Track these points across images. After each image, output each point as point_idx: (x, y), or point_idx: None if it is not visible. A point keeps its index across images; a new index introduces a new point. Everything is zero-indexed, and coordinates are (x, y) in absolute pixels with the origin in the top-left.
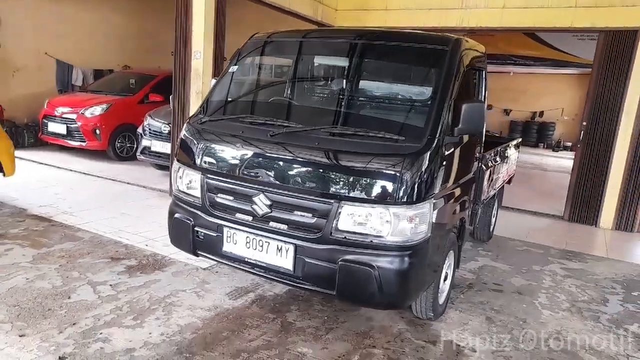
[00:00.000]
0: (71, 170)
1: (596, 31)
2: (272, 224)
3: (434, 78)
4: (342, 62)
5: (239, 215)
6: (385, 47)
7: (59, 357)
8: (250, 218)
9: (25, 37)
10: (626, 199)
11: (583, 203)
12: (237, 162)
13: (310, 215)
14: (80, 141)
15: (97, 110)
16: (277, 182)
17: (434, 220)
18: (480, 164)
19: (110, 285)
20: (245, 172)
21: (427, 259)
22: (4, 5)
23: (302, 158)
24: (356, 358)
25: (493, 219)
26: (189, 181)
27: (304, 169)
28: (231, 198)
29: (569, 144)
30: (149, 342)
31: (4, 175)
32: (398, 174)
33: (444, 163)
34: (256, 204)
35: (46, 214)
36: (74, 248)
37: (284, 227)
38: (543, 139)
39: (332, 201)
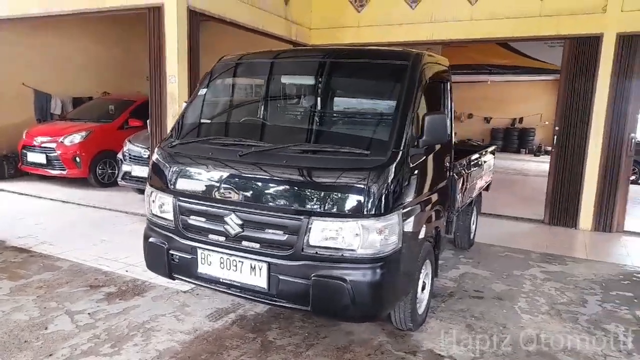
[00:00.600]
0: (52, 199)
1: (561, 39)
2: (245, 243)
3: (396, 92)
4: (308, 80)
5: (211, 236)
6: (349, 65)
7: None
8: (223, 238)
9: (1, 68)
10: (602, 199)
11: (561, 206)
12: (207, 183)
13: (281, 232)
14: (61, 170)
15: (77, 138)
16: (247, 201)
17: (404, 231)
18: (451, 172)
19: (89, 313)
20: (215, 193)
21: (400, 269)
22: None
23: (270, 176)
24: None
25: (473, 226)
26: (162, 205)
27: (272, 187)
28: (203, 219)
29: (550, 148)
30: None
31: None
32: (364, 188)
33: (411, 174)
34: (228, 224)
35: (25, 245)
36: (52, 278)
37: (256, 245)
38: (524, 145)
39: (301, 217)
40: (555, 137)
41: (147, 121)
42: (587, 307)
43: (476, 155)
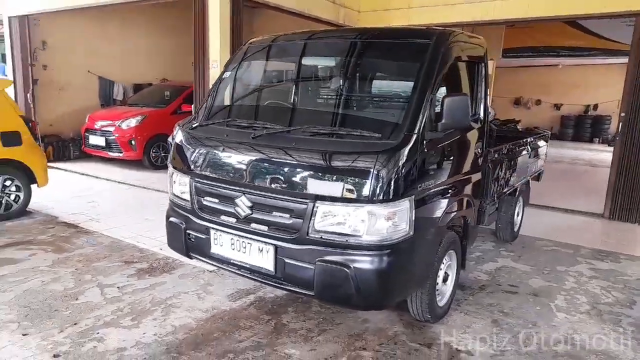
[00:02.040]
0: (108, 179)
1: (632, 15)
2: (254, 225)
3: (415, 73)
4: (326, 62)
5: (223, 217)
6: (370, 45)
7: (54, 355)
8: (234, 220)
9: (69, 56)
10: None
11: (624, 200)
12: (220, 164)
13: (287, 215)
14: (118, 152)
15: (132, 122)
16: (257, 183)
17: (418, 218)
18: (484, 159)
19: (118, 287)
20: (227, 174)
21: (411, 258)
22: (49, 28)
23: (279, 158)
24: None
25: (517, 218)
26: (181, 185)
27: (281, 169)
28: (216, 200)
29: None
30: (141, 341)
31: (38, 185)
32: (371, 172)
33: (427, 159)
34: (238, 206)
35: (75, 221)
36: (92, 252)
37: (264, 228)
38: (598, 134)
39: (307, 201)
40: (621, 123)
41: (193, 106)
42: (634, 309)
43: (520, 143)
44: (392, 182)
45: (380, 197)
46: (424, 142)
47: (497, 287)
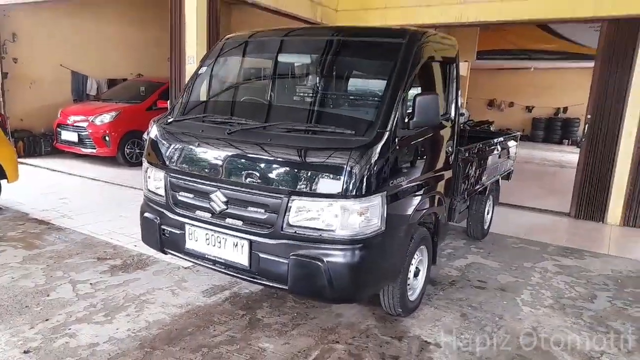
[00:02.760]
0: (81, 176)
1: (599, 20)
2: (229, 220)
3: (388, 72)
4: (302, 59)
5: (198, 212)
6: (345, 44)
7: (24, 351)
8: (209, 215)
9: (40, 50)
10: (634, 193)
11: (589, 199)
12: (195, 160)
13: (262, 210)
14: (91, 148)
15: (106, 117)
16: (232, 178)
17: (389, 214)
18: (455, 158)
19: (91, 284)
20: (202, 170)
21: (382, 253)
22: (20, 21)
23: (253, 154)
24: (316, 353)
25: (487, 216)
26: (156, 180)
27: (255, 165)
28: (191, 196)
29: None
30: (114, 337)
31: (7, 181)
32: (345, 168)
33: (399, 156)
34: (213, 201)
35: (46, 218)
36: (64, 249)
37: (239, 223)
38: (568, 136)
39: (282, 196)
40: (587, 126)
41: (169, 101)
42: (595, 303)
43: (490, 142)
44: (365, 178)
45: (353, 193)
46: (396, 139)
47: (466, 283)
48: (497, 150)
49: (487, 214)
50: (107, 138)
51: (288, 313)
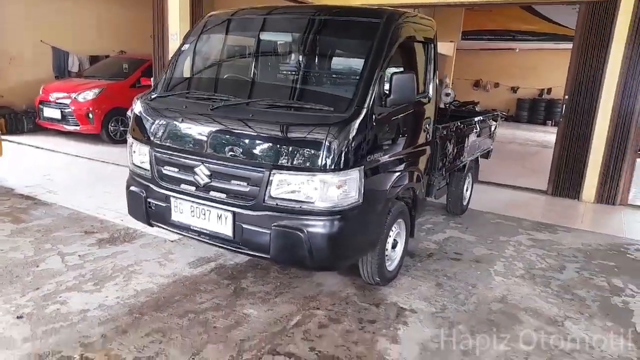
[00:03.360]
0: (65, 153)
1: (577, 2)
2: (212, 193)
3: (366, 50)
4: (284, 38)
5: (183, 185)
6: (325, 23)
7: (17, 317)
8: (193, 188)
9: (20, 26)
10: (608, 171)
11: (565, 177)
12: (179, 135)
13: (245, 183)
14: (74, 125)
15: (90, 94)
16: (215, 152)
17: (367, 188)
18: (432, 135)
19: (79, 255)
20: (186, 144)
21: (360, 224)
22: None
23: (236, 129)
24: (298, 318)
25: (466, 193)
26: (141, 155)
27: (238, 140)
28: (176, 170)
29: None
30: (104, 304)
31: None
32: (323, 143)
33: (376, 132)
34: (197, 175)
35: (31, 193)
36: (51, 223)
37: (223, 195)
38: (551, 117)
39: (264, 170)
40: (564, 106)
41: (152, 79)
42: (563, 273)
43: (469, 121)
44: (343, 153)
45: (332, 167)
46: (373, 116)
47: (443, 255)
48: (476, 129)
49: (466, 190)
50: (90, 115)
51: (271, 282)
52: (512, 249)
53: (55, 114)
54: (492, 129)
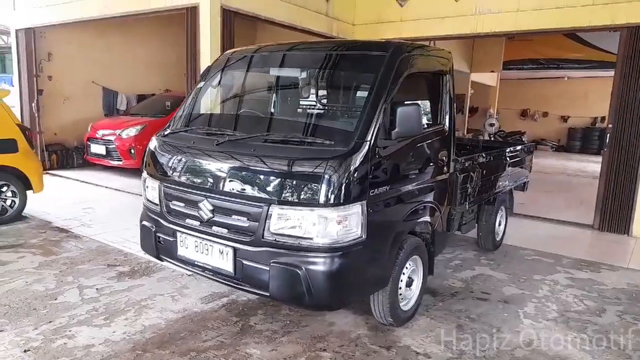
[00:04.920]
0: (106, 187)
1: (617, 28)
2: (215, 228)
3: (370, 84)
4: (291, 73)
5: (188, 220)
6: (331, 57)
7: (24, 350)
8: (197, 223)
9: (74, 67)
10: None
11: (613, 210)
12: (185, 169)
13: (245, 218)
14: (118, 160)
15: (132, 131)
16: (217, 187)
17: (372, 222)
18: (451, 167)
19: (97, 289)
20: (192, 179)
21: (363, 261)
22: (55, 41)
23: (237, 164)
24: None
25: (499, 227)
26: (152, 190)
27: (238, 174)
28: (182, 204)
29: None
30: (110, 339)
31: (33, 191)
32: (322, 176)
33: (380, 166)
34: (201, 209)
35: (67, 226)
36: (78, 256)
37: (224, 231)
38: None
39: (263, 204)
40: (608, 135)
41: None
42: (602, 317)
43: (492, 152)
44: (343, 187)
45: (331, 201)
46: (377, 149)
47: (469, 294)
48: (506, 160)
49: (499, 225)
50: (132, 151)
51: (281, 320)
52: (547, 289)
53: (101, 149)
54: (527, 160)
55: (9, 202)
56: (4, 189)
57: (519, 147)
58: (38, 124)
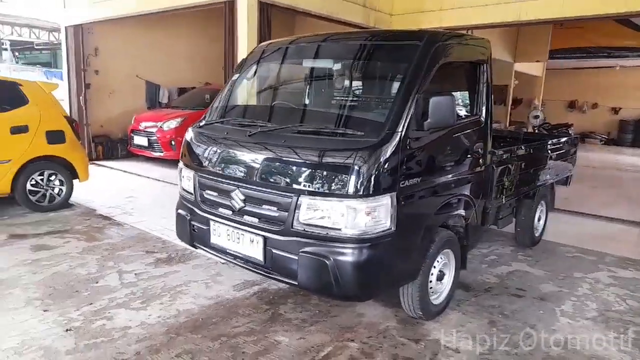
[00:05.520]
0: (147, 177)
1: None
2: (246, 217)
3: (403, 73)
4: (323, 64)
5: (221, 209)
6: (364, 47)
7: (66, 330)
8: (230, 212)
9: (119, 62)
10: None
11: None
12: (219, 160)
13: (275, 208)
14: (159, 152)
15: (173, 123)
16: (249, 177)
17: (402, 214)
18: (487, 160)
19: (135, 274)
20: (225, 169)
21: (392, 253)
22: (101, 37)
23: (268, 154)
24: (329, 349)
25: (539, 223)
26: (188, 179)
27: (269, 165)
28: (215, 194)
29: None
30: (145, 322)
31: (79, 180)
32: (351, 167)
33: (412, 157)
34: (233, 199)
35: (110, 214)
36: (119, 242)
37: (255, 220)
38: None
39: (292, 195)
40: None
41: None
42: None
43: (532, 145)
44: (372, 178)
45: (360, 192)
46: (408, 140)
47: (503, 290)
48: (547, 153)
49: (538, 220)
50: (173, 142)
51: (310, 310)
52: (587, 287)
53: (144, 141)
54: (570, 153)
55: (56, 190)
56: (52, 177)
57: (561, 140)
58: (85, 116)
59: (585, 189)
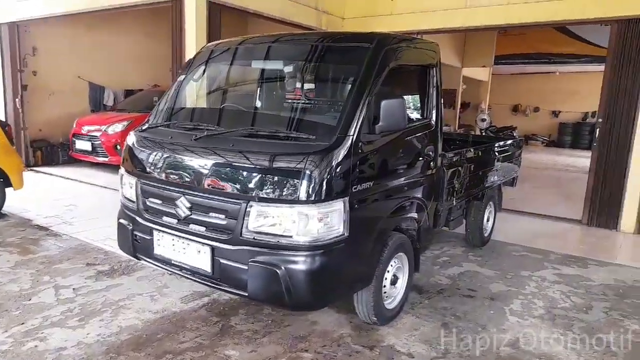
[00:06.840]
0: (91, 184)
1: (608, 21)
2: (192, 226)
3: (353, 76)
4: (272, 66)
5: (165, 218)
6: (314, 49)
7: None
8: (175, 221)
9: (59, 63)
10: None
11: (602, 206)
12: (162, 165)
13: (223, 216)
14: (103, 157)
15: (118, 127)
16: (195, 183)
17: (355, 219)
18: (438, 163)
19: (73, 289)
20: (169, 175)
21: (345, 260)
22: (39, 35)
23: (215, 159)
24: None
25: (488, 223)
26: (130, 187)
27: (216, 170)
28: (159, 202)
29: None
30: (83, 342)
31: (14, 188)
32: (302, 172)
33: (363, 161)
34: (178, 207)
35: (47, 224)
36: (57, 255)
37: (202, 229)
38: None
39: (241, 201)
40: (598, 130)
41: None
42: (589, 314)
43: (480, 148)
44: (324, 183)
45: (312, 198)
46: (360, 144)
47: (455, 291)
48: (494, 155)
49: (487, 221)
50: (118, 147)
51: (263, 320)
52: (534, 286)
53: (87, 146)
54: (515, 155)
55: None
56: None
57: (507, 142)
58: (22, 119)
59: (529, 189)
